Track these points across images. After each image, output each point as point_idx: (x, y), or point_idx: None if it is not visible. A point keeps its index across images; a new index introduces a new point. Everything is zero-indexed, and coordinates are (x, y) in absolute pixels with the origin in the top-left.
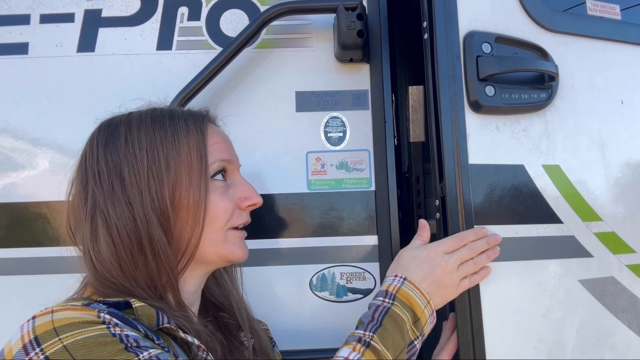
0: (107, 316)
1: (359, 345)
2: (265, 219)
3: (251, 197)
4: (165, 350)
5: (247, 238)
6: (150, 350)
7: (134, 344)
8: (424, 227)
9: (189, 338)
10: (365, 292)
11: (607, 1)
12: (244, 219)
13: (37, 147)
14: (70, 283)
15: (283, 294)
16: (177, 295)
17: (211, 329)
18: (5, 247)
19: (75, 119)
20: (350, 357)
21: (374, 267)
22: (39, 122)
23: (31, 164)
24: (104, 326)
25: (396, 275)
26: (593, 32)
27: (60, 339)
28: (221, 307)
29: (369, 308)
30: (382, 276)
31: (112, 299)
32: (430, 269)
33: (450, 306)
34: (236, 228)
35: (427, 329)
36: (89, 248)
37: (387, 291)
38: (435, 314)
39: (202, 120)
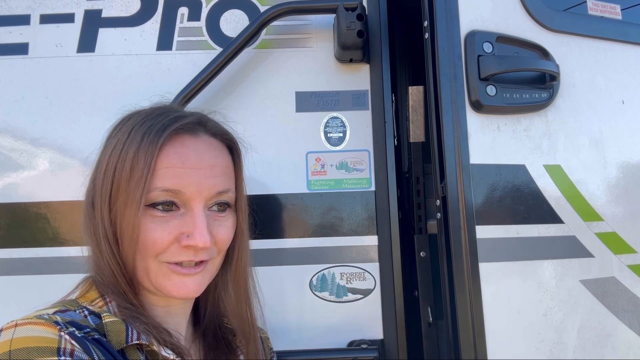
0: (67, 338)
1: None
2: (265, 220)
3: (192, 236)
4: None
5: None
6: None
7: None
8: None
9: (163, 351)
10: (365, 292)
11: (608, 1)
12: (183, 257)
13: (37, 147)
14: (69, 284)
15: (283, 294)
16: (156, 307)
17: (192, 340)
18: (5, 247)
19: (75, 119)
20: None
21: (374, 267)
22: (39, 122)
23: (31, 164)
24: (56, 358)
25: None
26: (594, 31)
27: None
28: (222, 311)
29: None
30: (382, 276)
31: (92, 308)
32: None
33: (451, 305)
34: (178, 264)
35: None
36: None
37: None
38: None
39: (162, 133)
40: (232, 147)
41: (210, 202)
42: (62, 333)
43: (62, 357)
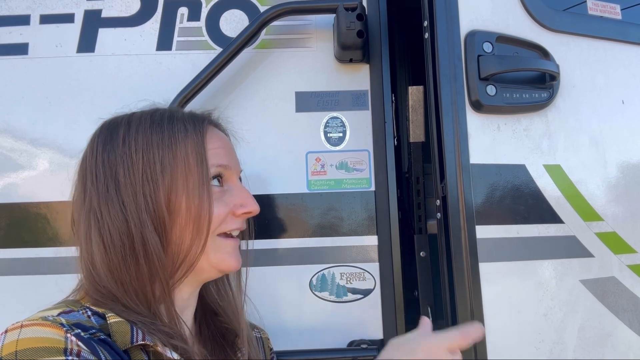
0: (74, 339)
1: None
2: (265, 220)
3: (247, 205)
4: None
5: (248, 238)
6: None
7: None
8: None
9: (168, 353)
10: (365, 292)
11: (608, 1)
12: (237, 225)
13: (37, 147)
14: (68, 284)
15: (283, 295)
16: (170, 307)
17: (196, 342)
18: (5, 247)
19: (75, 119)
20: None
21: (374, 267)
22: (39, 122)
23: (31, 164)
24: (63, 358)
25: None
26: (594, 31)
27: None
28: (217, 312)
29: None
30: (382, 276)
31: (96, 309)
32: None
33: (451, 305)
34: (228, 235)
35: None
36: (83, 249)
37: None
38: None
39: (202, 123)
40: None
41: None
42: (69, 335)
43: (69, 357)
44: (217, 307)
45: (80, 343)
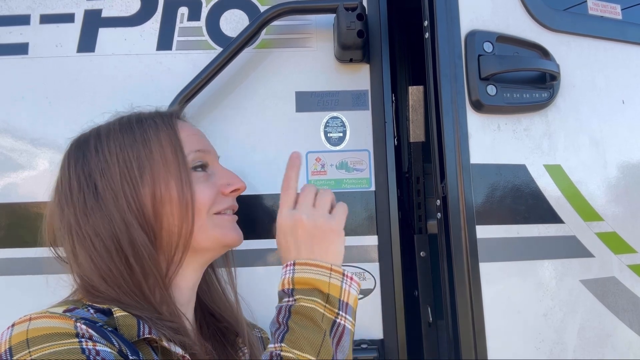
0: (83, 327)
1: None
2: (265, 219)
3: (234, 183)
4: None
5: (246, 238)
6: None
7: None
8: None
9: (172, 347)
10: (366, 292)
11: (608, 1)
12: (228, 203)
13: (37, 147)
14: (69, 284)
15: None
16: (170, 302)
17: (199, 338)
18: (5, 247)
19: (75, 119)
20: None
21: (374, 267)
22: (39, 122)
23: (31, 164)
24: (76, 340)
25: (286, 265)
26: (594, 31)
27: (29, 352)
28: (215, 313)
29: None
30: (382, 276)
31: (98, 306)
32: (294, 237)
33: (451, 305)
34: (222, 213)
35: (348, 294)
36: (72, 264)
37: (283, 290)
38: (350, 274)
39: (170, 117)
40: None
41: None
42: (78, 323)
43: (82, 340)
44: (213, 307)
45: (90, 330)
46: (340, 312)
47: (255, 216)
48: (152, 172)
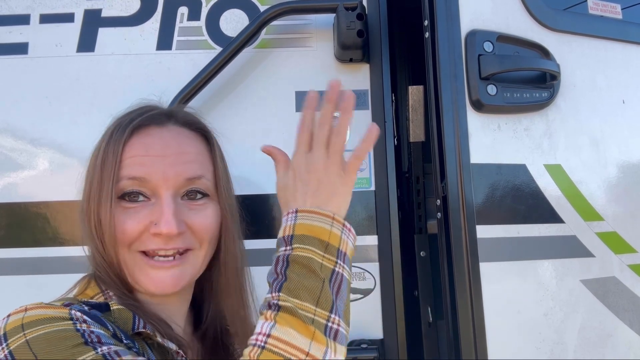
0: (78, 313)
1: (269, 312)
2: (265, 219)
3: (159, 224)
4: (134, 351)
5: (247, 238)
6: (111, 346)
7: (95, 340)
8: (276, 154)
9: (166, 343)
10: (365, 292)
11: (609, 0)
12: (156, 245)
13: (37, 147)
14: (69, 284)
15: None
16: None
17: (191, 339)
18: (5, 247)
19: (75, 119)
20: (264, 330)
21: (374, 267)
22: (39, 122)
23: (31, 164)
24: (70, 322)
25: (288, 214)
26: (594, 31)
27: (24, 334)
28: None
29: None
30: (382, 276)
31: (95, 301)
32: (304, 183)
33: (451, 305)
34: (149, 255)
35: (346, 245)
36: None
37: (283, 237)
38: (349, 225)
39: (129, 125)
40: (206, 136)
41: (182, 189)
42: (72, 311)
43: (77, 322)
44: (222, 307)
45: (85, 317)
46: (339, 262)
47: (255, 216)
48: (93, 187)
